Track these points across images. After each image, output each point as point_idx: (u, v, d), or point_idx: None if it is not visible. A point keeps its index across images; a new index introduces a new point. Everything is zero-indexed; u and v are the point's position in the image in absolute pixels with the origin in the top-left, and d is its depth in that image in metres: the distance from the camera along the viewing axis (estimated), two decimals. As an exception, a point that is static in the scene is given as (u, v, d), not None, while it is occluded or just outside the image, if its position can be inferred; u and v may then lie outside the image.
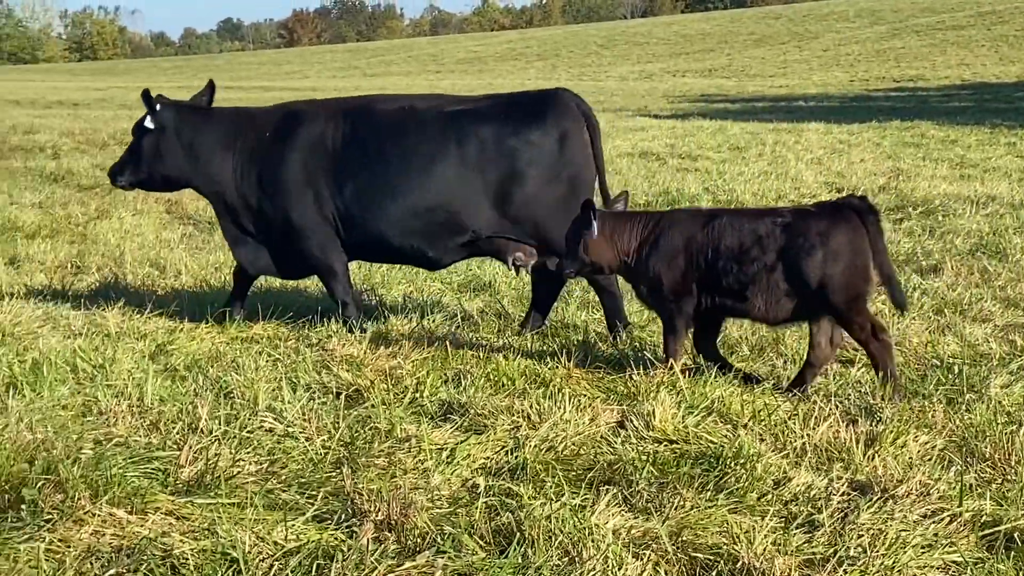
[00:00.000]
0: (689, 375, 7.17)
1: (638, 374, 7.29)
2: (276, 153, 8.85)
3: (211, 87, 9.32)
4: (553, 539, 4.92)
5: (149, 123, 9.04)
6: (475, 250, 8.93)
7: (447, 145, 8.58)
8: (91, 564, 4.90)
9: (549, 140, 8.57)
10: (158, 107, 9.05)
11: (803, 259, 6.91)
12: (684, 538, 5.05)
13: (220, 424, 6.45)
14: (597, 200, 8.01)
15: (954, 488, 5.55)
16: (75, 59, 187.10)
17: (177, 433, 6.39)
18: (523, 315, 9.13)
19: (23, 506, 5.30)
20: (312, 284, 10.58)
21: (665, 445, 6.21)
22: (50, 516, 5.22)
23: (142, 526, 5.19)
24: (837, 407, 6.62)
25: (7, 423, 6.36)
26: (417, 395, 7.12)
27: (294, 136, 8.85)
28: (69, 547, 5.01)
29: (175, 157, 9.07)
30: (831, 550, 4.97)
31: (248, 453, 6.12)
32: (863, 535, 5.08)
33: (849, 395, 6.97)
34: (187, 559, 4.86)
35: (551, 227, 8.45)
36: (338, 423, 6.52)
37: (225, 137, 9.04)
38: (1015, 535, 5.11)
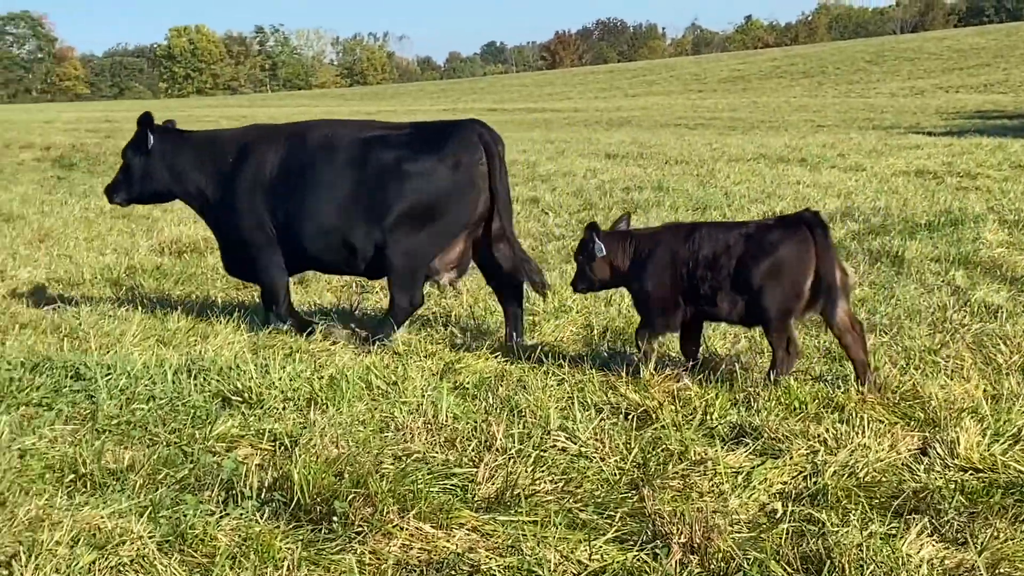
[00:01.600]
0: (992, 402, 6.90)
1: (937, 401, 7.05)
2: (231, 171, 9.82)
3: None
4: (864, 568, 4.80)
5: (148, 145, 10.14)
6: None
7: (353, 168, 9.31)
8: (403, 577, 5.03)
9: (443, 168, 9.17)
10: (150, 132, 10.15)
11: (751, 265, 7.42)
12: (1001, 570, 4.86)
13: (514, 442, 6.53)
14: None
15: None
16: (346, 84, 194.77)
17: (472, 450, 6.51)
18: (805, 340, 8.98)
19: (334, 518, 5.48)
20: (591, 309, 10.63)
21: (971, 473, 5.99)
22: (360, 528, 5.39)
23: (448, 541, 5.31)
24: None
25: (312, 437, 6.60)
26: (706, 417, 7.06)
27: (246, 156, 9.78)
28: (380, 560, 5.15)
29: (162, 175, 10.18)
30: None
31: (543, 472, 6.17)
32: None
33: None
34: (494, 575, 4.94)
35: (438, 248, 9.30)
36: (630, 444, 6.53)
37: (200, 156, 10.06)
38: None
